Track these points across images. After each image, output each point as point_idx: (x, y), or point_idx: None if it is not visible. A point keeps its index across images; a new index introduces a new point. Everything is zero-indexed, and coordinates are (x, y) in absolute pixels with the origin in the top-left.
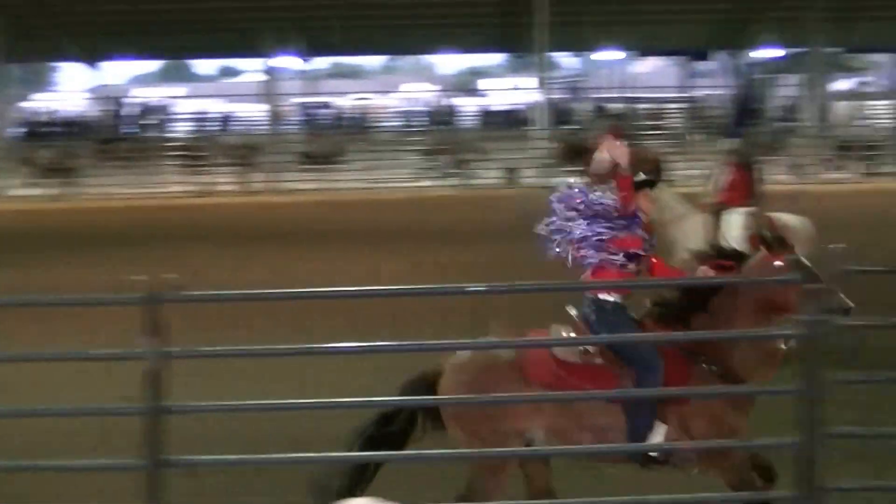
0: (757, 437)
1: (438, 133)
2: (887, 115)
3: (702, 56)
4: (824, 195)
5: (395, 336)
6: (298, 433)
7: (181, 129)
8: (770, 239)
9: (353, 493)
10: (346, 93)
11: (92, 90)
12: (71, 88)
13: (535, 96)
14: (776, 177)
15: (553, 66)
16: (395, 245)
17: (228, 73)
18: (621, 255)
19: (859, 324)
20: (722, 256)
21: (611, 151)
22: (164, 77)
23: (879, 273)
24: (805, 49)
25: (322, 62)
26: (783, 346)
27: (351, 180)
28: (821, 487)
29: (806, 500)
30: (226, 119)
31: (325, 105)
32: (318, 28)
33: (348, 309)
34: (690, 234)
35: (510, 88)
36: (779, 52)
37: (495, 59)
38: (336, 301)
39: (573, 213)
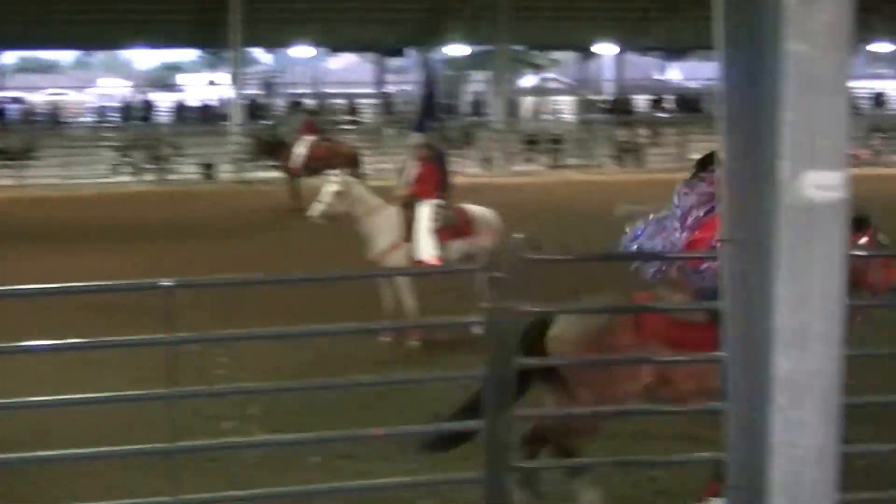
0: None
1: (134, 129)
2: (570, 110)
3: (394, 53)
4: (512, 187)
5: (90, 333)
6: None
7: None
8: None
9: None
10: (39, 88)
11: None
12: None
13: (231, 92)
14: (466, 169)
15: (248, 61)
16: (90, 242)
17: None
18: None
19: (541, 310)
20: None
21: None
22: None
23: (560, 261)
24: (492, 47)
25: (11, 56)
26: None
27: (45, 177)
28: (508, 468)
29: (493, 481)
30: None
31: (16, 100)
32: (7, 21)
33: (39, 306)
34: (383, 226)
35: (206, 84)
36: (467, 50)
37: (191, 54)
38: (26, 299)
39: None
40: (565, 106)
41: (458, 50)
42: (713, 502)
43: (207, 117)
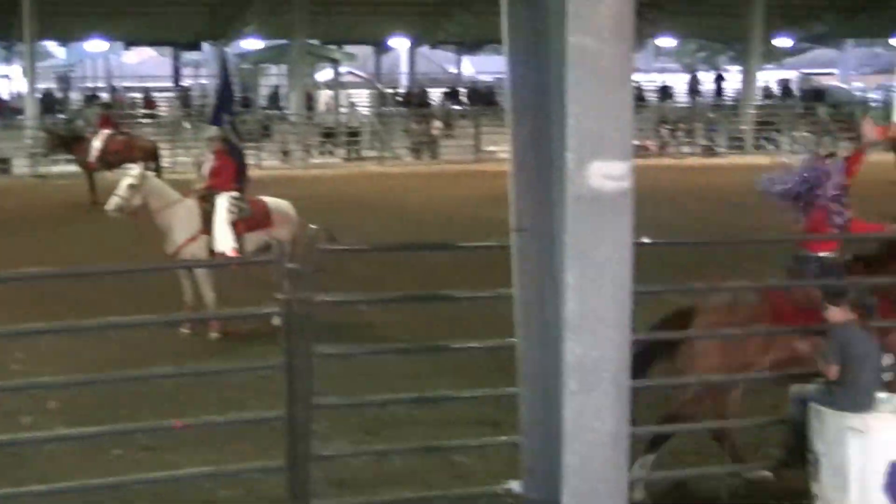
0: (247, 411)
1: None
2: (366, 103)
3: (190, 47)
4: (310, 179)
5: None
6: None
7: None
8: None
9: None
10: None
11: None
12: None
13: (25, 86)
14: (264, 162)
15: (42, 55)
16: None
17: None
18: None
19: (338, 300)
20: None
21: (865, 130)
22: None
23: (356, 252)
24: (288, 41)
25: None
26: None
27: None
28: (308, 456)
29: (294, 470)
30: None
31: None
32: None
33: None
34: (180, 219)
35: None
36: (264, 43)
37: None
38: None
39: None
40: (362, 99)
41: (253, 44)
42: (510, 485)
43: (1, 111)
